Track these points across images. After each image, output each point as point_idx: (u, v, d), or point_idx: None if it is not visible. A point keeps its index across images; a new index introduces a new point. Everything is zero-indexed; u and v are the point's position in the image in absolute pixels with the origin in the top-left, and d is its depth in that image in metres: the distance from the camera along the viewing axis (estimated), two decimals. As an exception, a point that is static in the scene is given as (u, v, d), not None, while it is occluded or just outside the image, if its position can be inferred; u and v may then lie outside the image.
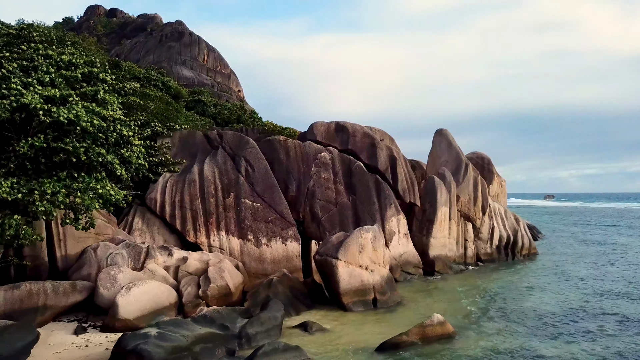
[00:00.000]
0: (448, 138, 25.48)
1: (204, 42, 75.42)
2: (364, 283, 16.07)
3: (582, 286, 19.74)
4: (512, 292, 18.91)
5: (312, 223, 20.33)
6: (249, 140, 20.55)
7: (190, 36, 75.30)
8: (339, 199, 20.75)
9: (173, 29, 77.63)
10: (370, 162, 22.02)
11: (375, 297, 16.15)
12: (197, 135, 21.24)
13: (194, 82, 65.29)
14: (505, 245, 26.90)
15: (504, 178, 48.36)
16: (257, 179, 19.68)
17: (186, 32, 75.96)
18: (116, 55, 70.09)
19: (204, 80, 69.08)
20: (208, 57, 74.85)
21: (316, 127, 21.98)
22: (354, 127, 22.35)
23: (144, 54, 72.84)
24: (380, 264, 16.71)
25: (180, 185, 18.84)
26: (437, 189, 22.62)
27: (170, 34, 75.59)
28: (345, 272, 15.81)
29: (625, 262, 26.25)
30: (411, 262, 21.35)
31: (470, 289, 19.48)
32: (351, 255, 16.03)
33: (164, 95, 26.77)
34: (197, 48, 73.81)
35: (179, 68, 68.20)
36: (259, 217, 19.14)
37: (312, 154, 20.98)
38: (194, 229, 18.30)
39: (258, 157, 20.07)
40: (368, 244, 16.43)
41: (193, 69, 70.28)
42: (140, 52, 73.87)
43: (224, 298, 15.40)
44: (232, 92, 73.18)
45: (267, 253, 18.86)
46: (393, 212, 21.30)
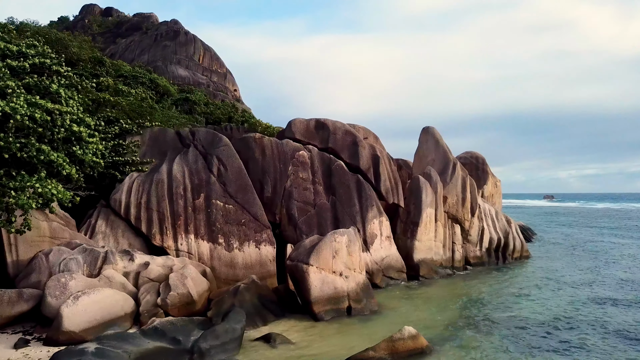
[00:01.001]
0: (435, 136, 24.38)
1: (200, 41, 74.44)
2: (337, 290, 14.99)
3: (572, 292, 18.66)
4: (499, 298, 17.84)
5: (289, 225, 19.25)
6: (222, 138, 19.47)
7: (186, 35, 74.27)
8: (317, 199, 19.67)
9: (168, 28, 76.56)
10: (352, 161, 20.94)
11: (349, 306, 15.08)
12: (169, 133, 20.18)
13: (189, 81, 64.27)
14: (496, 248, 25.81)
15: (499, 178, 47.39)
16: (230, 179, 18.60)
17: (181, 31, 74.93)
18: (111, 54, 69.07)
19: (199, 79, 68.04)
20: (204, 56, 73.89)
21: (294, 124, 20.90)
22: (335, 125, 21.27)
23: (139, 53, 71.83)
24: (356, 270, 15.63)
25: (147, 186, 17.77)
26: (422, 189, 21.54)
27: (165, 33, 74.57)
28: (317, 278, 14.74)
29: (619, 265, 25.18)
30: (394, 267, 20.27)
31: (455, 295, 18.41)
32: (324, 260, 14.95)
33: (138, 91, 25.68)
34: (192, 47, 72.83)
35: (174, 67, 67.17)
36: (231, 219, 18.07)
37: (289, 152, 19.91)
38: (161, 232, 17.23)
39: (231, 156, 18.99)
40: (342, 248, 15.36)
41: (188, 68, 69.24)
42: (135, 51, 72.87)
43: (186, 307, 14.33)
44: (228, 92, 72.16)
45: (239, 258, 17.78)
46: (375, 214, 20.22)
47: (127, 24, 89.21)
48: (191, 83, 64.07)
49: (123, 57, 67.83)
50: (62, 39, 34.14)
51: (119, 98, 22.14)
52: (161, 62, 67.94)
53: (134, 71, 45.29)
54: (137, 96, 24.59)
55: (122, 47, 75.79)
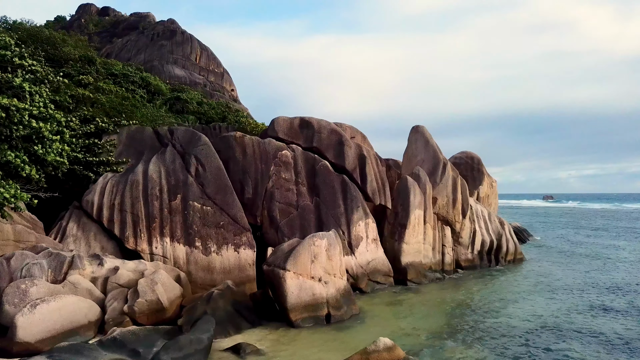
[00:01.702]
0: (425, 135, 23.64)
1: (197, 41, 73.74)
2: (315, 297, 14.27)
3: (564, 298, 17.92)
4: (488, 304, 17.11)
5: (271, 228, 18.53)
6: (201, 137, 18.76)
7: (183, 35, 73.50)
8: (300, 201, 18.94)
9: (165, 28, 75.81)
10: (337, 161, 20.22)
11: (328, 313, 14.35)
12: (147, 132, 19.47)
13: (185, 81, 63.55)
14: (488, 251, 25.07)
15: (495, 178, 46.63)
16: (209, 179, 17.88)
17: (178, 30, 74.18)
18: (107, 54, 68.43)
19: (196, 79, 67.31)
20: (200, 55, 73.17)
21: (277, 123, 20.17)
22: (320, 123, 20.54)
23: (135, 53, 71.10)
24: (336, 275, 14.91)
25: (121, 187, 17.05)
26: (410, 190, 20.80)
27: (162, 32, 73.82)
28: (294, 284, 14.01)
29: (615, 269, 24.43)
30: (380, 271, 19.53)
31: (442, 301, 17.67)
32: (302, 265, 14.23)
33: (120, 89, 24.96)
34: (189, 47, 72.08)
35: (170, 67, 66.43)
36: (209, 221, 17.34)
37: (272, 152, 19.18)
38: (135, 235, 16.50)
39: (210, 156, 18.27)
40: (322, 252, 14.63)
41: (185, 68, 68.50)
42: (132, 50, 72.13)
43: (156, 314, 13.61)
44: (225, 92, 71.43)
45: (216, 262, 17.05)
46: (361, 216, 19.49)
47: (124, 24, 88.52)
48: (188, 83, 63.37)
49: (119, 56, 67.15)
50: (51, 37, 33.50)
51: (99, 95, 21.43)
52: (157, 61, 67.21)
53: (125, 70, 44.66)
54: (119, 94, 23.84)
55: (118, 47, 75.10)
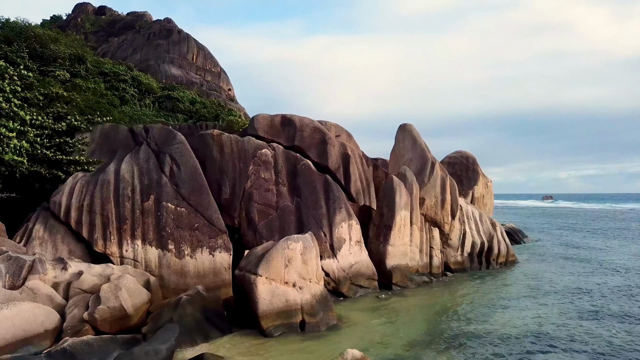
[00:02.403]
0: (412, 134, 22.88)
1: (193, 40, 73.19)
2: (289, 303, 13.52)
3: (555, 303, 17.16)
4: (474, 310, 16.36)
5: (249, 230, 17.79)
6: (177, 135, 18.02)
7: (179, 34, 73.01)
8: (280, 202, 18.20)
9: (161, 27, 75.33)
10: (320, 161, 19.47)
11: (303, 320, 13.61)
12: (121, 130, 18.73)
13: (182, 80, 63.05)
14: (479, 253, 24.32)
15: (490, 178, 45.85)
16: (183, 179, 17.14)
17: (175, 29, 73.65)
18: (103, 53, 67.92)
19: (192, 78, 66.80)
20: (197, 55, 72.67)
21: (257, 120, 19.42)
22: (303, 121, 19.80)
23: (131, 52, 70.65)
24: (311, 280, 14.16)
25: (91, 187, 16.31)
26: (396, 190, 20.05)
27: (158, 31, 73.36)
28: (266, 290, 13.27)
29: (611, 272, 23.67)
30: (364, 274, 18.78)
31: (427, 305, 16.93)
32: (274, 270, 13.49)
33: (98, 86, 24.25)
34: (185, 46, 71.59)
35: (166, 66, 65.97)
36: (183, 223, 16.60)
37: (251, 150, 18.44)
38: (104, 238, 15.77)
39: (185, 154, 17.53)
40: (296, 256, 13.89)
41: (181, 67, 68.01)
42: (128, 50, 71.68)
43: (119, 322, 12.87)
44: (222, 91, 70.91)
45: (190, 265, 16.31)
46: (343, 217, 18.74)
47: (121, 23, 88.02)
48: (184, 82, 62.82)
49: (115, 55, 66.59)
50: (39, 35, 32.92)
51: (73, 93, 20.71)
52: (154, 60, 66.68)
53: (115, 68, 44.01)
54: (96, 91, 23.12)
55: (114, 46, 74.56)
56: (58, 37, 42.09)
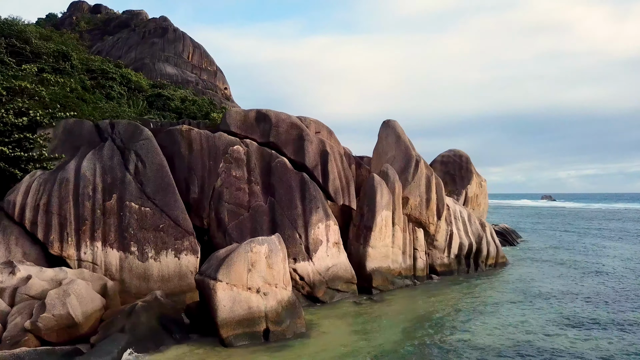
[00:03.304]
0: (396, 130, 21.89)
1: (189, 39, 72.22)
2: (252, 310, 12.57)
3: (544, 309, 16.19)
4: (457, 316, 15.41)
5: (218, 231, 16.84)
6: (144, 130, 17.07)
7: (175, 32, 72.00)
8: (252, 201, 17.24)
9: (157, 25, 74.33)
10: (297, 158, 18.51)
11: (267, 328, 12.66)
12: (85, 126, 17.76)
13: (177, 79, 62.12)
14: (467, 255, 23.34)
15: (484, 178, 44.87)
16: (149, 177, 16.18)
17: (170, 28, 72.66)
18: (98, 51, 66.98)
19: (188, 77, 65.81)
20: (193, 53, 71.74)
21: (230, 116, 18.45)
22: (279, 117, 18.83)
23: (126, 51, 69.70)
24: (277, 285, 13.20)
25: (49, 185, 15.36)
26: (377, 189, 19.08)
27: (153, 30, 72.38)
28: (227, 296, 12.32)
29: (605, 275, 22.71)
30: (342, 277, 17.82)
31: (407, 311, 15.98)
32: (236, 274, 12.53)
33: (68, 80, 23.27)
34: (181, 44, 70.60)
35: (161, 65, 64.99)
36: (148, 224, 15.65)
37: (222, 147, 17.48)
38: (60, 239, 14.81)
39: (152, 151, 16.58)
40: (261, 260, 12.92)
41: (177, 66, 67.03)
42: (123, 48, 70.70)
43: (67, 331, 11.93)
44: (218, 90, 69.94)
45: (154, 269, 15.36)
46: (320, 217, 17.78)
47: (116, 21, 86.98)
48: (179, 81, 61.86)
49: (110, 54, 65.62)
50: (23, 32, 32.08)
51: (39, 87, 19.74)
52: (149, 59, 65.69)
53: (103, 66, 43.10)
54: (66, 85, 22.14)
55: (109, 45, 73.57)
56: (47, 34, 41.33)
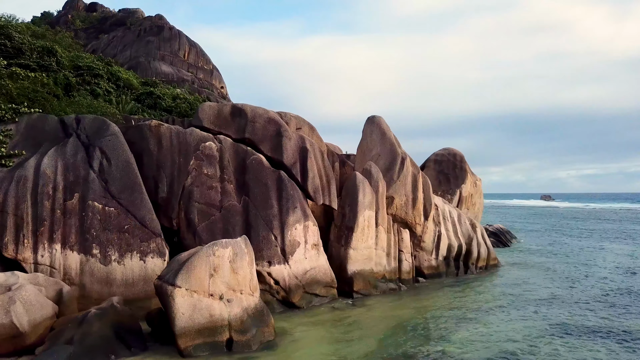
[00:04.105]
0: (381, 127, 20.94)
1: (185, 37, 71.37)
2: (214, 319, 11.63)
3: (533, 316, 15.26)
4: (439, 323, 14.48)
5: (188, 233, 15.90)
6: (110, 126, 16.13)
7: (171, 31, 71.12)
8: (225, 201, 16.30)
9: (152, 23, 73.41)
10: (275, 155, 17.57)
11: (230, 338, 11.72)
12: (50, 121, 16.81)
13: (173, 77, 61.27)
14: (456, 257, 22.40)
15: (479, 177, 43.86)
16: (114, 175, 15.25)
17: (166, 26, 71.78)
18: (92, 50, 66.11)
19: (183, 76, 64.92)
20: (189, 52, 70.93)
21: (202, 110, 17.51)
22: (255, 112, 17.89)
23: (121, 49, 68.84)
24: (243, 291, 12.27)
25: (5, 184, 14.42)
26: (359, 188, 18.14)
27: (149, 28, 71.49)
28: (186, 303, 11.38)
29: (601, 279, 21.77)
30: (320, 281, 16.89)
31: (387, 317, 15.03)
32: (197, 280, 11.59)
33: (39, 74, 22.30)
34: (177, 43, 69.76)
35: (157, 63, 64.11)
36: (111, 225, 14.71)
37: (193, 143, 16.55)
38: (16, 241, 13.87)
39: (118, 148, 15.65)
40: (224, 264, 11.99)
41: (173, 65, 66.14)
42: (118, 47, 69.83)
43: (11, 341, 10.99)
44: (214, 89, 69.07)
45: (117, 272, 14.44)
46: (298, 218, 16.84)
47: (112, 20, 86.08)
48: (175, 79, 60.96)
49: (105, 53, 64.69)
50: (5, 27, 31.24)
51: (6, 81, 18.79)
52: (144, 58, 64.75)
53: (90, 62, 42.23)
54: (37, 79, 21.18)
55: (104, 43, 72.67)
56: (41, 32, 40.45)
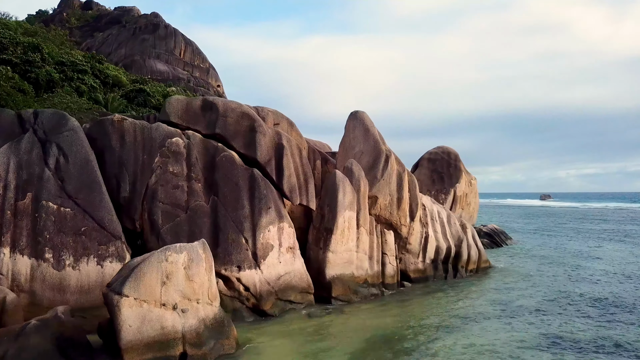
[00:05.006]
0: (364, 123, 19.83)
1: (181, 35, 70.47)
2: (165, 331, 10.56)
3: (521, 325, 14.17)
4: (421, 333, 13.39)
5: (152, 235, 14.82)
6: (69, 120, 15.04)
7: (166, 28, 70.17)
8: (192, 201, 15.21)
9: (148, 21, 72.52)
10: (248, 152, 16.49)
11: (184, 352, 10.65)
12: (5, 115, 15.67)
13: (168, 76, 60.38)
14: (445, 259, 21.31)
15: (474, 176, 42.79)
16: (71, 173, 14.17)
17: (161, 24, 70.85)
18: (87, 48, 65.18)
19: (179, 74, 63.98)
20: (185, 50, 70.11)
21: (170, 104, 16.41)
22: (228, 105, 16.80)
23: (116, 47, 67.96)
24: (200, 301, 11.19)
25: (-49, 183, 13.34)
26: (339, 187, 17.05)
27: (144, 26, 70.62)
28: (134, 315, 10.31)
29: (597, 283, 20.68)
30: (296, 287, 15.81)
31: (365, 327, 13.92)
32: (147, 288, 10.51)
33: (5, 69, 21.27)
34: (173, 41, 68.87)
35: (152, 61, 63.20)
36: (67, 227, 13.64)
37: (158, 139, 15.46)
38: (-40, 245, 12.79)
39: (77, 144, 14.56)
40: (178, 270, 10.91)
41: (168, 63, 65.24)
42: (112, 45, 68.97)
43: (-63, 356, 9.95)
44: (210, 87, 68.14)
45: (71, 278, 13.36)
46: (272, 219, 15.76)
47: (107, 18, 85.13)
48: (170, 78, 59.98)
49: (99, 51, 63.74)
50: None
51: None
52: (139, 56, 63.78)
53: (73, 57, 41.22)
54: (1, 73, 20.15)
55: (98, 41, 71.71)
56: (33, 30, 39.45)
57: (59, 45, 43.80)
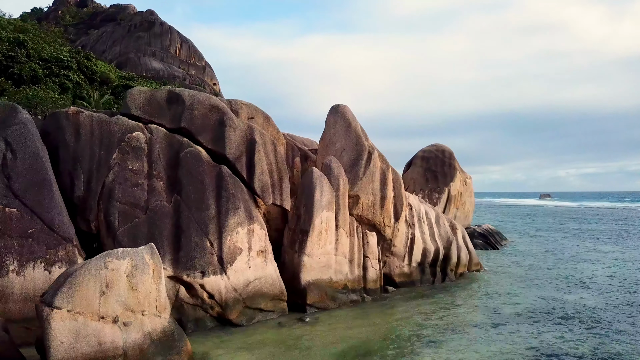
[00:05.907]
0: (346, 117, 18.60)
1: (177, 33, 69.63)
2: (103, 347, 9.37)
3: (506, 335, 12.98)
4: (401, 346, 12.21)
5: (108, 238, 13.62)
6: (20, 113, 13.81)
7: (162, 26, 69.26)
8: (152, 201, 14.01)
9: (143, 19, 71.61)
10: (216, 148, 15.29)
11: (125, 371, 9.46)
12: (-47, 108, 14.52)
13: (163, 74, 59.54)
14: (433, 262, 20.11)
15: (469, 175, 41.62)
16: (19, 170, 12.96)
17: (157, 22, 69.91)
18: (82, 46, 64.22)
19: (175, 72, 63.04)
20: (181, 48, 69.30)
21: (131, 96, 15.19)
22: (195, 98, 15.59)
23: (111, 45, 67.14)
24: (146, 312, 10.00)
25: None
26: (316, 185, 15.85)
27: (139, 23, 69.71)
28: (67, 329, 9.12)
29: (594, 288, 19.48)
30: (266, 294, 14.61)
31: (340, 339, 12.69)
32: (82, 299, 9.32)
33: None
34: (168, 39, 67.99)
35: (147, 59, 62.35)
36: (12, 229, 12.42)
37: (118, 134, 14.26)
38: None
39: (26, 139, 13.34)
40: (120, 278, 9.71)
41: (163, 61, 64.36)
42: (107, 42, 68.13)
43: None
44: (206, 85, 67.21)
45: (15, 285, 12.14)
46: (241, 220, 14.57)
47: (102, 15, 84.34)
48: (166, 76, 59.02)
49: (94, 49, 62.85)
50: None
51: None
52: (134, 54, 62.82)
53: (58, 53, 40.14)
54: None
55: (93, 39, 70.80)
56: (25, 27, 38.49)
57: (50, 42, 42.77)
